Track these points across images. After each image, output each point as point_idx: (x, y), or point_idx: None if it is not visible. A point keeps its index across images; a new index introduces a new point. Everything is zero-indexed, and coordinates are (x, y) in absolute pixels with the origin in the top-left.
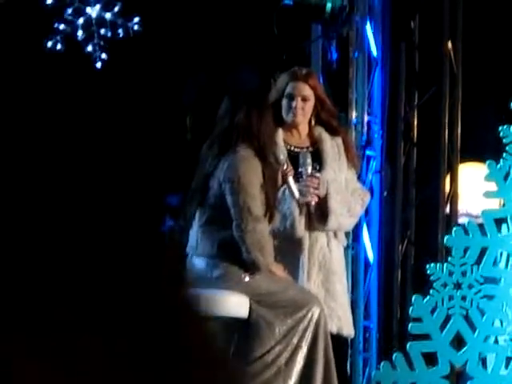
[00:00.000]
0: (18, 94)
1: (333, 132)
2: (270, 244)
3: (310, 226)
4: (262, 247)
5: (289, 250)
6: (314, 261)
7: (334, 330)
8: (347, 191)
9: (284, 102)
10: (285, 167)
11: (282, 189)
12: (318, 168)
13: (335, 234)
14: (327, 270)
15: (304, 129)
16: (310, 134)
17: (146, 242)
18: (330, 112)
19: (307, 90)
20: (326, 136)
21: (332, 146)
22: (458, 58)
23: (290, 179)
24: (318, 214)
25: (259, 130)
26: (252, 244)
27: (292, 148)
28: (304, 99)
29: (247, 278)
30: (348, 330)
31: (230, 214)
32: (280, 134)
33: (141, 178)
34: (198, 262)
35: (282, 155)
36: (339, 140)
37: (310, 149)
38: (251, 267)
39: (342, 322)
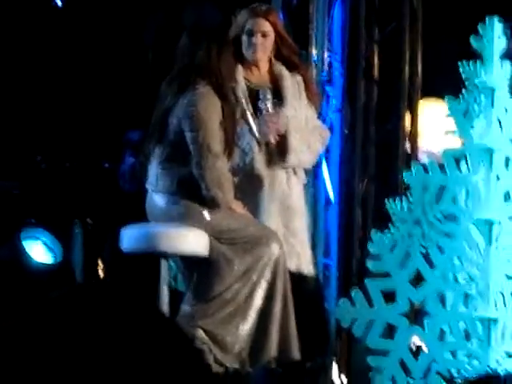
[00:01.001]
0: None
1: (293, 69)
2: (230, 181)
3: (269, 163)
4: (221, 184)
5: (248, 187)
6: (274, 198)
7: (293, 267)
8: (307, 128)
9: (244, 38)
10: (244, 103)
11: (241, 125)
12: (278, 105)
13: (295, 171)
14: (287, 206)
15: (264, 66)
16: (270, 71)
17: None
18: (290, 48)
19: (267, 26)
20: (286, 73)
21: (292, 84)
22: None
23: (249, 115)
24: (278, 151)
25: (218, 67)
26: (211, 181)
27: (252, 85)
28: (264, 35)
29: (207, 215)
30: (307, 268)
31: (189, 150)
32: (240, 71)
33: (103, 114)
34: (158, 199)
35: (242, 92)
36: (299, 77)
37: (270, 86)
38: (211, 204)
39: (301, 258)
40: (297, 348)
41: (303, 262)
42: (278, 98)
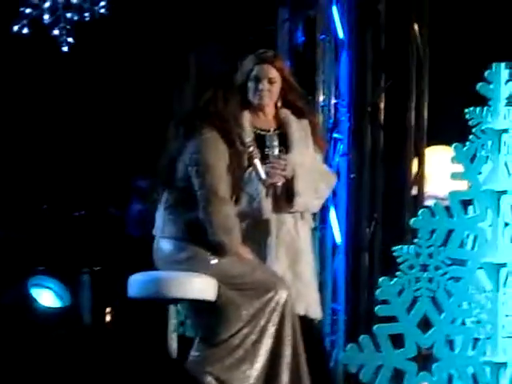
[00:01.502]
0: None
1: (299, 114)
2: (237, 226)
3: (276, 208)
4: (228, 229)
5: (256, 231)
6: (282, 242)
7: (302, 312)
8: (314, 173)
9: (250, 84)
10: (251, 149)
11: (248, 171)
12: (284, 151)
13: (302, 216)
14: (294, 251)
15: (270, 111)
16: (277, 117)
17: None
18: (296, 94)
19: (273, 73)
20: (292, 118)
21: (298, 129)
22: (425, 41)
23: (257, 161)
24: (285, 196)
25: (225, 113)
26: (218, 226)
27: (258, 131)
28: (270, 81)
29: (214, 261)
30: (316, 312)
31: (196, 196)
32: (246, 117)
33: (109, 161)
34: (165, 245)
35: (249, 137)
36: (305, 122)
37: (277, 131)
38: (218, 249)
39: (309, 303)
40: None
41: (312, 306)
42: (285, 143)
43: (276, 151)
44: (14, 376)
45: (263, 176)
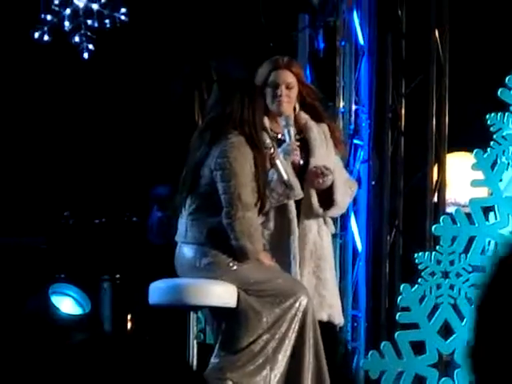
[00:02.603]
0: (4, 84)
1: (318, 119)
2: (259, 232)
3: (300, 212)
4: (250, 235)
5: (280, 238)
6: (306, 248)
7: (325, 318)
8: (341, 180)
9: (268, 90)
10: (272, 151)
11: (270, 172)
12: (305, 157)
13: (325, 221)
14: (318, 257)
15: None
16: (296, 122)
17: None
18: (314, 98)
19: (290, 78)
20: (311, 123)
21: (319, 133)
22: (445, 47)
23: (278, 162)
24: (320, 202)
25: (251, 118)
26: (241, 231)
27: (278, 135)
28: (288, 87)
29: (235, 267)
30: (339, 319)
31: (220, 201)
32: (266, 122)
33: (130, 168)
34: (187, 250)
35: (268, 140)
36: (325, 127)
37: (297, 136)
38: (239, 255)
39: (333, 310)
40: None
41: (335, 313)
42: (306, 148)
43: (292, 131)
44: (35, 382)
45: (285, 177)
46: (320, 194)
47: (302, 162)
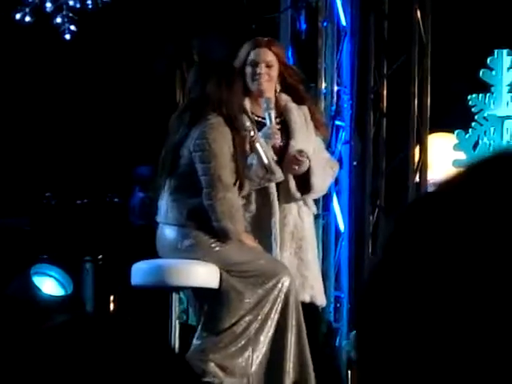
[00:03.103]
0: None
1: (299, 101)
2: (240, 212)
3: (279, 195)
4: (232, 215)
5: (261, 219)
6: (287, 229)
7: (307, 299)
8: (320, 161)
9: (248, 69)
10: (252, 133)
11: (250, 156)
12: (286, 138)
13: (305, 202)
14: (300, 238)
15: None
16: (277, 104)
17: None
18: (295, 79)
19: (270, 56)
20: (292, 105)
21: (299, 115)
22: (427, 28)
23: (258, 145)
24: (299, 187)
25: (229, 99)
26: (222, 212)
27: (259, 118)
28: (268, 65)
29: (217, 248)
30: (321, 300)
31: (199, 182)
32: (246, 103)
33: (111, 149)
34: (169, 232)
35: (249, 122)
36: (305, 109)
37: (277, 119)
38: (221, 235)
39: (315, 290)
40: (313, 380)
41: (317, 293)
42: (287, 130)
43: (273, 114)
44: (15, 364)
45: (265, 161)
46: (297, 179)
47: (282, 144)
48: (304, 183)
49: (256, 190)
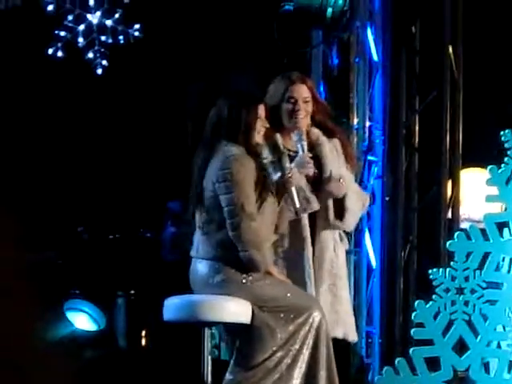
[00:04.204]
0: (19, 100)
1: (329, 134)
2: (267, 244)
3: (315, 229)
4: (258, 245)
5: (294, 255)
6: (323, 265)
7: (340, 335)
8: (353, 193)
9: (287, 106)
10: (290, 175)
11: (284, 197)
12: (318, 172)
13: (341, 238)
14: (334, 275)
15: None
16: (308, 138)
17: None
18: (325, 113)
19: (306, 92)
20: (323, 139)
21: (330, 149)
22: (459, 63)
23: (293, 189)
24: (335, 212)
25: (249, 128)
26: (248, 241)
27: (291, 152)
28: (305, 101)
29: (248, 284)
30: (353, 335)
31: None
32: (279, 139)
33: (143, 184)
34: (201, 266)
35: (287, 162)
36: (337, 142)
37: (309, 154)
38: (249, 266)
39: (348, 326)
40: None
41: (350, 329)
42: (319, 164)
43: (305, 145)
44: None
45: (297, 205)
46: (334, 205)
47: (315, 174)
48: (339, 208)
49: (289, 226)
